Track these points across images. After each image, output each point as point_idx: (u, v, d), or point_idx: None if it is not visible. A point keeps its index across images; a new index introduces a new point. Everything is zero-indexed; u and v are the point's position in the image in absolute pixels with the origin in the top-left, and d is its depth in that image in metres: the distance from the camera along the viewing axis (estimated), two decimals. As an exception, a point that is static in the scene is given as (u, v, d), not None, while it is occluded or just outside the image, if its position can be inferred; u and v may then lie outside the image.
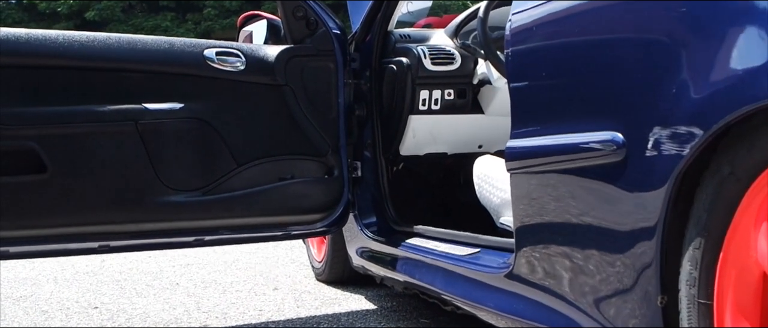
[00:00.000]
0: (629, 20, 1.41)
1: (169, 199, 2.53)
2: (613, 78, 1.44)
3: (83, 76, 2.45)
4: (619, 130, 1.41)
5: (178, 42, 2.64)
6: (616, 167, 1.42)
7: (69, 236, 2.47)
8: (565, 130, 1.56)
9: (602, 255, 1.49)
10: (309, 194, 2.76)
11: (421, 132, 2.95)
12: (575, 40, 1.55)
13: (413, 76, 2.84)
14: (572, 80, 1.56)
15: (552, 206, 1.63)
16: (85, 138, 2.43)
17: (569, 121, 1.56)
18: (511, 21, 1.75)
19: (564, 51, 1.59)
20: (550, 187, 1.63)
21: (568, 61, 1.57)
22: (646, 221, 1.36)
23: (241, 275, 3.91)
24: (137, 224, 2.54)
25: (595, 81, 1.49)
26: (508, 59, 1.75)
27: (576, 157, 1.52)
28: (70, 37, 2.46)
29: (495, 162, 2.53)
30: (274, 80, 2.71)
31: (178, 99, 2.56)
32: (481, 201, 2.54)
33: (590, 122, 1.49)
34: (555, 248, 1.65)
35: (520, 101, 1.74)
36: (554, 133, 1.60)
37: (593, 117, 1.49)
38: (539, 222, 1.70)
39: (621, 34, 1.44)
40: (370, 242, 2.90)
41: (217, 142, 2.60)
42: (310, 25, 2.83)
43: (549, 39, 1.64)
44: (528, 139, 1.69)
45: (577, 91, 1.54)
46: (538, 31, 1.66)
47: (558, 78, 1.61)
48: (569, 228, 1.58)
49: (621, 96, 1.42)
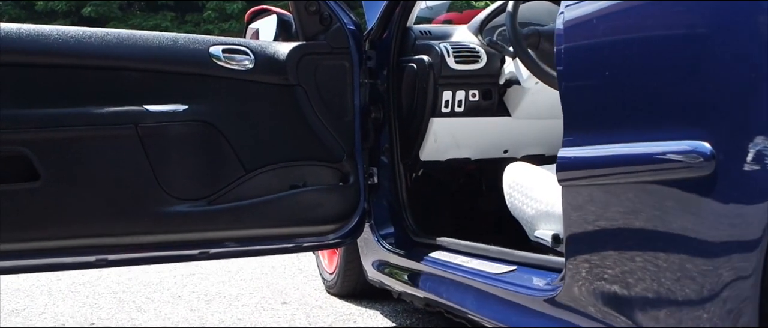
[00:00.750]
0: (721, 12, 1.20)
1: (172, 209, 2.36)
2: (698, 79, 1.23)
3: (79, 75, 2.27)
4: (707, 139, 1.20)
5: (181, 38, 2.46)
6: (702, 181, 1.21)
7: (63, 249, 2.31)
8: (634, 139, 1.35)
9: (684, 283, 1.28)
10: (323, 203, 2.58)
11: (444, 136, 2.74)
12: (649, 34, 1.34)
13: (436, 75, 2.63)
14: (644, 81, 1.35)
15: (616, 224, 1.42)
16: (80, 143, 2.25)
17: (639, 128, 1.35)
18: (564, 13, 1.54)
19: (633, 47, 1.37)
20: (613, 202, 1.42)
21: (640, 59, 1.36)
22: (743, 246, 1.15)
23: (246, 286, 3.70)
24: (137, 237, 2.38)
25: (676, 82, 1.28)
26: (561, 56, 1.54)
27: (649, 170, 1.31)
28: (65, 33, 2.28)
29: (528, 169, 2.32)
30: (286, 80, 2.53)
31: (181, 100, 2.38)
32: (513, 212, 2.33)
33: (667, 130, 1.28)
34: (620, 271, 1.44)
35: (576, 104, 1.53)
36: (619, 141, 1.39)
37: (671, 124, 1.28)
38: (598, 241, 1.49)
39: (710, 29, 1.23)
40: (389, 254, 2.70)
41: (224, 146, 2.43)
42: (324, 20, 2.64)
43: (616, 33, 1.42)
44: (585, 148, 1.48)
45: (651, 94, 1.33)
46: (603, 23, 1.45)
47: (626, 78, 1.39)
48: (640, 250, 1.37)
49: (709, 100, 1.21)
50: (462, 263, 2.25)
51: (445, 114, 2.69)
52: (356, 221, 2.63)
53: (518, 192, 2.29)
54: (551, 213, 2.14)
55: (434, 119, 2.69)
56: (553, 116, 2.81)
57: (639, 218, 1.37)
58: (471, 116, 2.73)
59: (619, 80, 1.41)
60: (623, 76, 1.40)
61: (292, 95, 2.54)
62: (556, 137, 2.93)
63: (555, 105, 2.79)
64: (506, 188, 2.36)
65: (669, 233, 1.30)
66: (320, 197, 2.58)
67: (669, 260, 1.31)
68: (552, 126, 2.86)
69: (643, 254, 1.37)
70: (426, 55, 2.67)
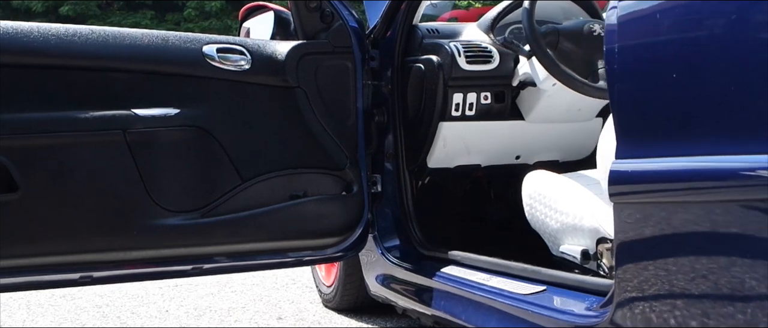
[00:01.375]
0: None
1: (163, 221, 2.20)
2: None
3: (62, 77, 2.10)
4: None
5: (172, 37, 2.29)
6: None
7: (44, 266, 2.13)
8: (710, 151, 1.18)
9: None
10: (325, 215, 2.43)
11: (453, 141, 2.57)
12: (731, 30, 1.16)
13: (445, 76, 2.46)
14: (726, 84, 1.17)
15: (682, 248, 1.25)
16: (63, 150, 2.09)
17: (718, 139, 1.17)
18: (616, 6, 1.37)
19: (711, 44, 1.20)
20: (679, 223, 1.25)
21: (720, 58, 1.18)
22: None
23: (237, 299, 3.50)
24: (125, 252, 2.22)
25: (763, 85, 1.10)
26: (614, 55, 1.36)
27: (729, 187, 1.14)
28: (47, 31, 2.11)
29: (550, 178, 2.15)
30: (285, 81, 2.38)
31: (173, 104, 2.23)
32: (533, 224, 2.17)
33: (755, 141, 1.10)
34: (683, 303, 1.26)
35: (635, 110, 1.35)
36: (690, 154, 1.22)
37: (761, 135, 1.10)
38: (657, 266, 1.31)
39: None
40: (395, 268, 2.53)
41: (219, 154, 2.27)
42: (326, 17, 2.47)
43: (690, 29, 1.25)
44: (645, 161, 1.31)
45: (734, 100, 1.16)
46: (671, 16, 1.27)
47: (702, 80, 1.22)
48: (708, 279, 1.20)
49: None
50: (482, 281, 2.07)
51: (456, 118, 2.52)
52: (360, 233, 2.48)
53: (540, 203, 2.13)
54: (579, 227, 1.98)
55: (443, 123, 2.52)
56: (568, 120, 2.66)
57: (712, 243, 1.20)
58: (482, 120, 2.56)
59: (692, 83, 1.23)
60: (697, 79, 1.22)
61: (291, 98, 2.39)
62: (570, 142, 2.80)
63: (571, 108, 2.66)
64: (526, 198, 2.19)
65: (749, 263, 1.13)
66: (322, 207, 2.42)
67: (745, 294, 1.14)
68: (566, 130, 2.71)
69: (712, 283, 1.20)
70: (434, 54, 2.50)
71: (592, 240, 1.94)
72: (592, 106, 2.62)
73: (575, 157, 2.79)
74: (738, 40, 1.16)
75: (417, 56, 2.56)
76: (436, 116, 2.51)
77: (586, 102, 2.53)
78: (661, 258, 1.30)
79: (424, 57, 2.53)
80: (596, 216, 1.92)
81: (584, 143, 2.76)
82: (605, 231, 1.88)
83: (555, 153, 2.76)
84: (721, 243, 1.18)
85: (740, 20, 1.15)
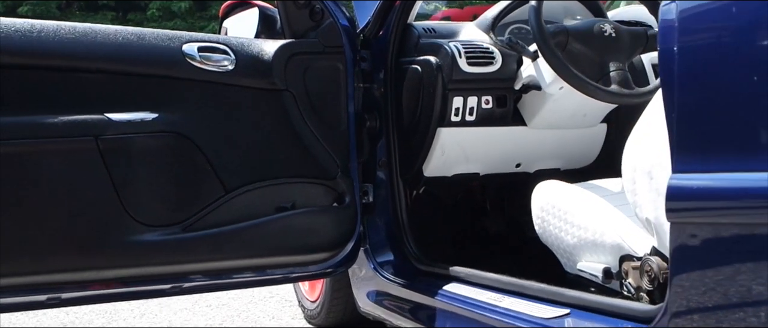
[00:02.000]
0: None
1: (140, 237, 2.03)
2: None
3: (27, 78, 1.92)
4: None
5: (149, 34, 2.12)
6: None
7: (6, 288, 1.92)
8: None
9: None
10: (315, 229, 2.27)
11: (452, 148, 2.39)
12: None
13: (445, 79, 2.29)
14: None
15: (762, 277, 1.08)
16: (29, 159, 1.91)
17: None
18: (675, 2, 1.20)
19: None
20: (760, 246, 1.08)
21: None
22: None
23: (213, 315, 3.30)
24: (97, 271, 2.05)
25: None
26: (673, 57, 1.19)
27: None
28: (9, 27, 1.93)
29: (564, 189, 1.99)
30: (272, 84, 2.22)
31: (149, 107, 2.06)
32: (545, 239, 2.01)
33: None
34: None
35: (700, 119, 1.18)
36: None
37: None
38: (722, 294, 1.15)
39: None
40: (389, 284, 2.36)
41: (200, 162, 2.11)
42: (315, 15, 2.32)
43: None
44: (715, 176, 1.14)
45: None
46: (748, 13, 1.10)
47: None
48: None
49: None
50: (493, 302, 1.90)
51: (455, 123, 2.34)
52: (351, 247, 2.32)
53: (554, 217, 1.96)
54: (600, 243, 1.81)
55: (442, 129, 2.35)
56: (573, 126, 2.50)
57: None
58: (483, 126, 2.39)
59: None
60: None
61: (278, 101, 2.23)
62: (573, 149, 2.63)
63: (577, 113, 2.50)
64: (537, 210, 2.03)
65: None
66: (312, 220, 2.26)
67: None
68: (569, 136, 2.55)
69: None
70: (433, 55, 2.33)
71: (615, 258, 1.78)
72: (598, 111, 2.46)
73: (577, 165, 2.63)
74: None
75: (413, 57, 2.39)
76: (434, 122, 2.34)
77: (592, 107, 2.38)
78: (729, 287, 1.14)
79: (421, 58, 2.36)
80: (619, 231, 1.77)
81: (587, 151, 2.60)
82: (630, 248, 1.73)
83: (557, 161, 2.60)
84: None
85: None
